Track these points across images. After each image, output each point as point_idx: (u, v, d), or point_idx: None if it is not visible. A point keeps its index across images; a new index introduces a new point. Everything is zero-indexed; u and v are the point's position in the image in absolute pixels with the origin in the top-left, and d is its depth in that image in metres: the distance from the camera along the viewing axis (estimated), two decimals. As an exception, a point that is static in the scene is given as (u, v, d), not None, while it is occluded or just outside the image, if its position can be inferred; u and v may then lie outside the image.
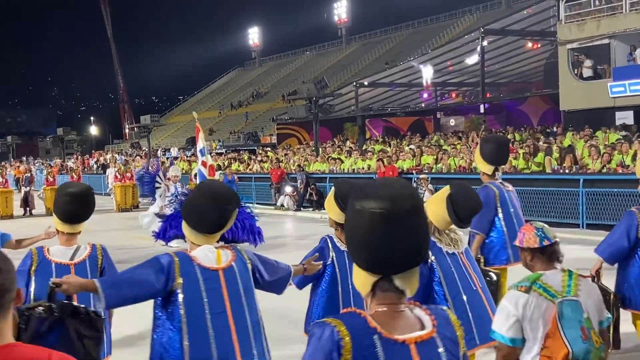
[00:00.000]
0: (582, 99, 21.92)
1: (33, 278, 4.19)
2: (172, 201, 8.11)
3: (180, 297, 3.32)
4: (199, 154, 12.31)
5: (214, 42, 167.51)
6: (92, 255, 4.34)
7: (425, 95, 37.68)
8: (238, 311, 3.42)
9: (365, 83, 35.74)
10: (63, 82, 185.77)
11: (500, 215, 6.08)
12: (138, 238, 14.76)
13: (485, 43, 28.52)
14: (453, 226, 4.24)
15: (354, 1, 72.49)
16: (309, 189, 21.21)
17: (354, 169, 21.51)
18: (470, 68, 32.57)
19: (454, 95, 39.31)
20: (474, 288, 4.14)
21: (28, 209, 23.55)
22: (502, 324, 3.09)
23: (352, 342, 1.93)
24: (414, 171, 18.47)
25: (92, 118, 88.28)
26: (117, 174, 24.99)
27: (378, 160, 19.20)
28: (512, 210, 6.17)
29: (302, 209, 21.25)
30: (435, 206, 4.15)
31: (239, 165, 27.26)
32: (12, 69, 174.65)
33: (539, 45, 31.28)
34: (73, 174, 25.78)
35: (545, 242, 3.23)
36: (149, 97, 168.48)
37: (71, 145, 71.60)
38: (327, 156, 23.42)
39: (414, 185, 17.48)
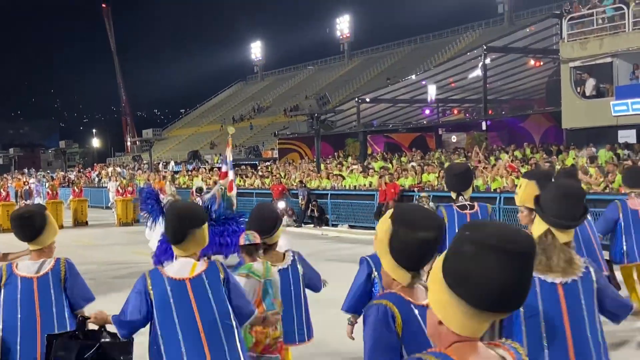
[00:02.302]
0: (585, 117, 21.92)
1: (2, 291, 4.60)
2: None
3: (154, 305, 3.91)
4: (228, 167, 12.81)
5: (216, 55, 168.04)
6: (55, 269, 4.66)
7: (427, 112, 37.71)
8: (206, 314, 3.91)
9: (367, 99, 35.76)
10: (66, 95, 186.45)
11: (447, 235, 6.50)
12: (139, 253, 14.72)
13: (487, 60, 28.56)
14: None
15: (356, 16, 72.88)
16: (310, 205, 21.16)
17: (355, 186, 21.46)
18: (472, 85, 32.61)
19: (455, 111, 39.33)
20: None
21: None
22: None
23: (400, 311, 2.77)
24: (415, 189, 18.42)
25: (94, 130, 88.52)
26: (118, 188, 24.97)
27: (380, 177, 19.16)
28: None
29: (303, 225, 21.20)
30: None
31: (239, 180, 27.21)
32: (15, 80, 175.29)
33: (542, 63, 31.32)
34: (75, 187, 25.69)
35: (247, 242, 4.87)
36: (151, 110, 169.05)
37: (73, 158, 71.55)
38: (328, 173, 23.37)
39: (415, 202, 17.44)
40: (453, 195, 6.78)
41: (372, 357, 2.76)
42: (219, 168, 29.96)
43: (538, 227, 3.75)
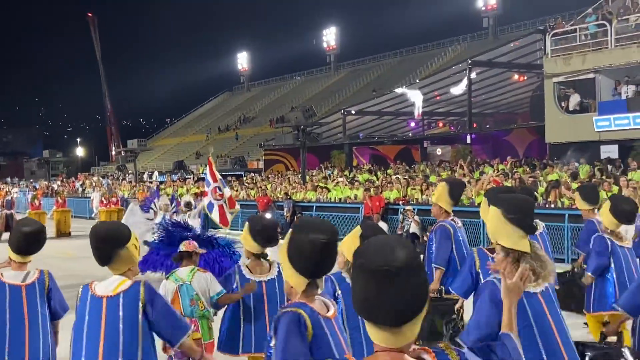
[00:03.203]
0: (568, 132, 22.14)
1: None
2: (155, 231, 8.19)
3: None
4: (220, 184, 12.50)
5: (202, 65, 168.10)
6: (40, 279, 4.93)
7: (412, 124, 37.89)
8: (111, 335, 3.97)
9: (353, 112, 35.87)
10: (50, 103, 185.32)
11: (454, 250, 6.86)
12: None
13: (472, 75, 28.77)
14: None
15: (343, 28, 73.24)
16: (295, 218, 21.16)
17: (340, 199, 21.48)
18: (457, 98, 32.80)
19: (440, 124, 39.55)
20: None
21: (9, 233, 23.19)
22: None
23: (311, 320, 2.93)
24: (400, 202, 18.48)
25: (78, 139, 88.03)
26: (102, 198, 24.81)
27: (365, 190, 19.22)
28: (462, 244, 6.94)
29: (288, 237, 21.18)
30: (349, 244, 4.30)
31: (225, 192, 27.13)
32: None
33: (525, 78, 31.59)
34: (58, 197, 25.46)
35: (180, 249, 5.75)
36: (136, 119, 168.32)
37: (57, 167, 71.04)
38: (314, 185, 23.38)
39: (401, 216, 17.50)
40: (449, 208, 6.97)
41: None
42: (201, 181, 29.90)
43: (516, 241, 3.73)
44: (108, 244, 4.05)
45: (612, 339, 4.81)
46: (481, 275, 5.40)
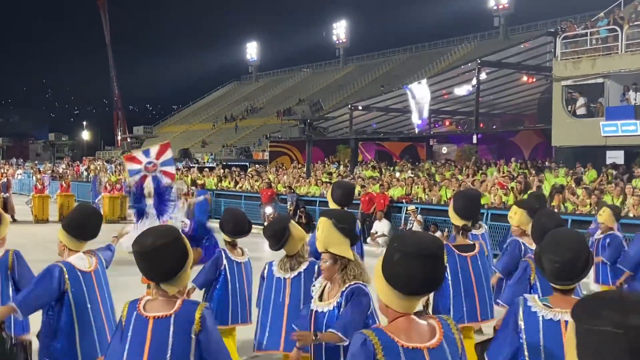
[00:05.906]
0: (574, 136, 22.04)
1: None
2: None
3: (70, 295, 4.46)
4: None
5: (211, 54, 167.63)
6: (3, 259, 5.19)
7: (419, 122, 37.80)
8: (105, 303, 4.71)
9: (360, 107, 35.77)
10: (58, 85, 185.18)
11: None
12: (119, 252, 14.62)
13: (482, 75, 28.63)
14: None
15: (353, 22, 73.06)
16: (298, 212, 21.16)
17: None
18: (465, 97, 32.69)
19: (447, 123, 39.45)
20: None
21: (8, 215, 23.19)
22: None
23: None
24: (404, 200, 18.48)
25: (84, 123, 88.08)
26: (107, 184, 24.79)
27: (362, 187, 19.28)
28: None
29: (290, 230, 21.19)
30: (298, 231, 5.23)
31: (229, 183, 27.17)
32: (7, 69, 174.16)
33: (534, 80, 31.44)
34: (63, 182, 25.48)
35: None
36: (143, 104, 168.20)
37: (62, 149, 71.05)
38: (317, 179, 23.36)
39: (404, 215, 17.51)
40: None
41: None
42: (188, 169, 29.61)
43: (345, 249, 4.20)
44: (98, 222, 4.83)
45: None
46: (448, 268, 5.99)
